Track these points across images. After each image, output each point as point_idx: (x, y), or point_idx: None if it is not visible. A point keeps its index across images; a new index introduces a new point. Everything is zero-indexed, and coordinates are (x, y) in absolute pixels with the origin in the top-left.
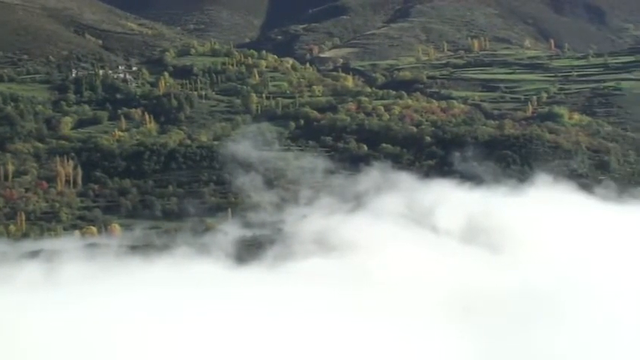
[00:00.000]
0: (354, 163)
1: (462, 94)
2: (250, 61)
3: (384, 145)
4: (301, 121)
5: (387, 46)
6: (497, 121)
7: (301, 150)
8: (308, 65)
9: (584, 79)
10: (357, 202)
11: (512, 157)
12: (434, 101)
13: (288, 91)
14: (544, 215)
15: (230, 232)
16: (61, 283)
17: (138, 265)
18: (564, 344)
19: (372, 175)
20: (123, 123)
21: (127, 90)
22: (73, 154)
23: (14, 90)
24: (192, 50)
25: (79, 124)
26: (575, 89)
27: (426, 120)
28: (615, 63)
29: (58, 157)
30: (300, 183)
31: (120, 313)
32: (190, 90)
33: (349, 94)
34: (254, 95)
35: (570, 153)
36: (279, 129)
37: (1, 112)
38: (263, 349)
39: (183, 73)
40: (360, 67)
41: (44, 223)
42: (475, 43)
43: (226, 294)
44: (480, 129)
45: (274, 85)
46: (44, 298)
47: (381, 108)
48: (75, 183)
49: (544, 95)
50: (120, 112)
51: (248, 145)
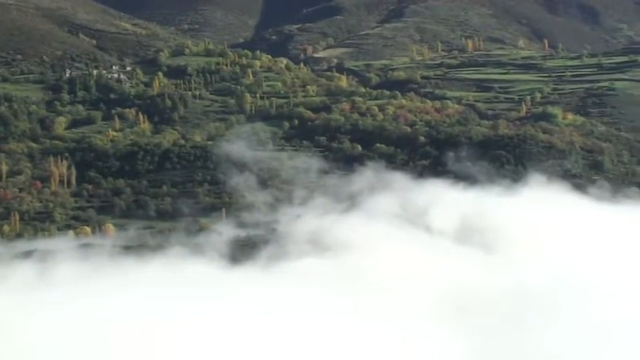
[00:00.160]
0: (348, 163)
1: (456, 94)
2: (244, 61)
3: (378, 145)
4: (295, 121)
5: (381, 46)
6: (491, 121)
7: (295, 150)
8: (302, 65)
9: (578, 79)
10: (351, 202)
11: (506, 157)
12: (428, 101)
13: (282, 91)
14: (538, 215)
15: (224, 232)
16: (55, 283)
17: (132, 265)
18: (558, 344)
19: (366, 175)
20: (117, 123)
21: (121, 90)
22: (66, 154)
23: (8, 90)
24: (187, 50)
25: (72, 124)
26: (569, 89)
27: (420, 120)
28: (609, 63)
29: (51, 157)
30: (294, 183)
31: (114, 313)
32: (184, 90)
33: (343, 94)
34: (248, 95)
35: (564, 153)
36: (273, 129)
37: None
38: (257, 349)
39: (177, 73)
40: (354, 67)
41: (38, 223)
42: (469, 43)
43: (220, 294)
44: (474, 129)
45: (268, 85)
46: (38, 298)
47: (375, 108)
48: (69, 183)
49: (538, 95)
50: (114, 112)
51: (242, 145)
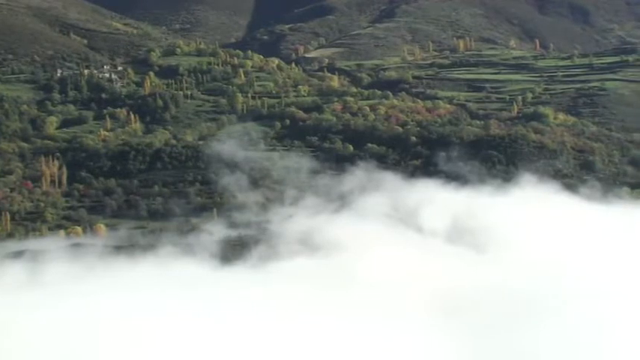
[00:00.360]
0: (339, 163)
1: (448, 94)
2: (236, 61)
3: (369, 145)
4: (287, 121)
5: (372, 46)
6: (482, 121)
7: (287, 150)
8: (294, 65)
9: (569, 79)
10: (342, 202)
11: (497, 157)
12: (419, 101)
13: (273, 91)
14: (529, 215)
15: (215, 231)
16: (46, 283)
17: (123, 265)
18: (549, 343)
19: (358, 175)
20: (108, 123)
21: (113, 90)
22: (58, 153)
23: None
24: (178, 50)
25: (64, 123)
26: (560, 89)
27: (412, 120)
28: (600, 63)
29: (43, 157)
30: (286, 183)
31: (105, 313)
32: (176, 90)
33: (335, 94)
34: (239, 95)
35: (555, 153)
36: (264, 129)
37: None
38: (248, 348)
39: (168, 72)
40: (346, 67)
41: (29, 223)
42: (460, 43)
43: (211, 294)
44: (466, 129)
45: (260, 85)
46: (29, 298)
47: (367, 108)
48: (60, 183)
49: (529, 95)
50: (105, 111)
51: (233, 145)
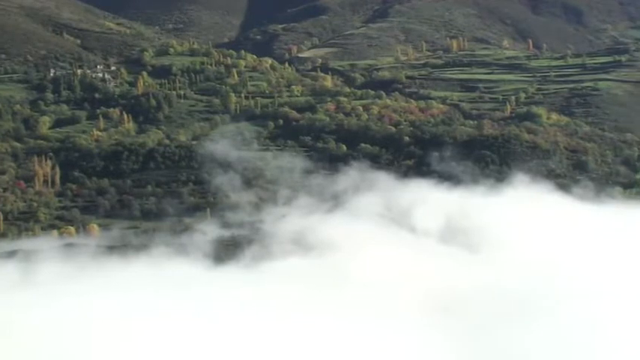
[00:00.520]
0: (332, 162)
1: (441, 94)
2: (229, 61)
3: (362, 145)
4: (280, 121)
5: (365, 46)
6: (475, 121)
7: (280, 150)
8: (287, 65)
9: (562, 79)
10: (335, 201)
11: (490, 157)
12: (412, 101)
13: (267, 91)
14: (522, 215)
15: (208, 231)
16: (39, 283)
17: (116, 265)
18: (541, 343)
19: (351, 175)
20: (101, 123)
21: (106, 89)
22: (51, 153)
23: None
24: (171, 50)
25: (57, 123)
26: (554, 89)
27: (405, 120)
28: (593, 63)
29: (36, 157)
30: (279, 183)
31: (98, 312)
32: (169, 90)
33: (328, 94)
34: (233, 95)
35: (548, 153)
36: (257, 129)
37: None
38: (241, 348)
39: (161, 72)
40: (339, 67)
41: (22, 223)
42: (454, 43)
43: (205, 294)
44: (459, 129)
45: (253, 85)
46: (22, 298)
47: (360, 108)
48: (53, 183)
49: (522, 95)
50: (98, 111)
51: (227, 145)
